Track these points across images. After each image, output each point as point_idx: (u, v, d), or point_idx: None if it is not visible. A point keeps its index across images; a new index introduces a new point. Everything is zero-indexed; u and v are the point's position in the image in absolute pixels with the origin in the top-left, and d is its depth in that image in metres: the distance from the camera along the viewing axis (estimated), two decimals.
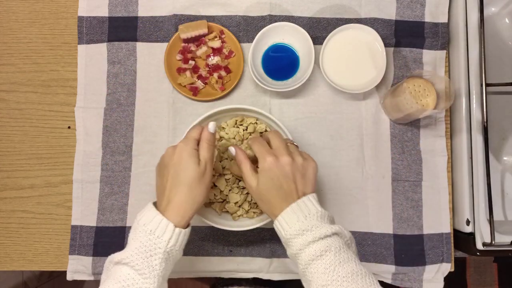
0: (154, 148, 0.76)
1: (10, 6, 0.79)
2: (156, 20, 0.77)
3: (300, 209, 0.53)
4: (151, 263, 0.50)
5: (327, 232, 0.51)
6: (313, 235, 0.51)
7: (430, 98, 0.69)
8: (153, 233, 0.51)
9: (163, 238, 0.51)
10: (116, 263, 0.51)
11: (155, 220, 0.52)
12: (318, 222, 0.52)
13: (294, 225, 0.52)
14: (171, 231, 0.52)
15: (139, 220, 0.53)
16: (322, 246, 0.50)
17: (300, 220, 0.52)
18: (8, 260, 0.77)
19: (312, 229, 0.51)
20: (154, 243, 0.51)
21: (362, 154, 0.76)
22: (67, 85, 0.78)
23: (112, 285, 0.49)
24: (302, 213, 0.53)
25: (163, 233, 0.51)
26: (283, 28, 0.74)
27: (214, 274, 0.76)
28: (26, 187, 0.77)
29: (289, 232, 0.52)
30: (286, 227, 0.53)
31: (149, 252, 0.50)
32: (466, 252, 0.73)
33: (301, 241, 0.51)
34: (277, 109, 0.77)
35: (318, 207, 0.54)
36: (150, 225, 0.52)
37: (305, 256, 0.50)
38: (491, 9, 0.81)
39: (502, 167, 0.80)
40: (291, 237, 0.52)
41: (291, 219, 0.53)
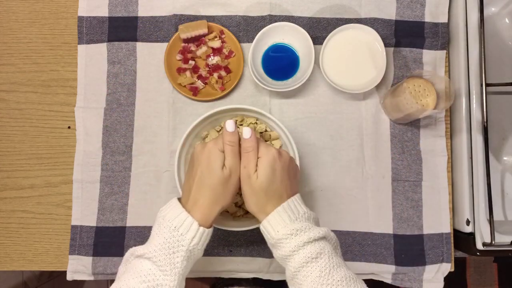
0: (154, 148, 0.76)
1: (10, 6, 0.79)
2: (156, 20, 0.77)
3: (291, 209, 0.53)
4: (173, 260, 0.50)
5: (318, 234, 0.51)
6: (308, 235, 0.50)
7: (430, 98, 0.69)
8: (177, 230, 0.51)
9: (187, 236, 0.51)
10: (137, 256, 0.51)
11: (180, 217, 0.52)
12: (308, 223, 0.52)
13: (287, 225, 0.51)
14: (195, 230, 0.51)
15: (164, 216, 0.53)
16: (316, 249, 0.49)
17: (292, 220, 0.52)
18: (8, 260, 0.77)
19: (305, 230, 0.51)
20: (178, 240, 0.50)
21: (362, 154, 0.76)
22: (67, 85, 0.78)
23: (132, 278, 0.49)
24: (293, 214, 0.52)
25: (187, 231, 0.51)
26: (283, 28, 0.74)
27: (214, 274, 0.76)
28: (26, 187, 0.77)
29: (282, 232, 0.51)
30: (278, 226, 0.52)
31: (172, 249, 0.50)
32: (466, 252, 0.73)
33: (294, 242, 0.50)
34: (277, 109, 0.77)
35: (304, 208, 0.54)
36: (175, 222, 0.51)
37: (299, 258, 0.49)
38: (491, 9, 0.81)
39: (502, 167, 0.80)
40: (283, 237, 0.51)
41: (283, 219, 0.52)
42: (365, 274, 0.75)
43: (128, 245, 0.74)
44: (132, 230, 0.75)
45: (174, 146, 0.75)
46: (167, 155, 0.76)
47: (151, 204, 0.75)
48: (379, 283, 0.76)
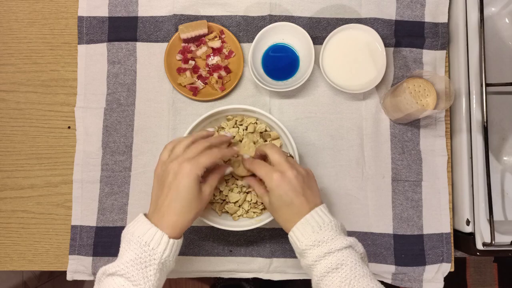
0: (154, 148, 0.76)
1: (10, 6, 0.79)
2: (156, 20, 0.77)
3: (314, 220, 0.54)
4: (146, 274, 0.50)
5: (342, 244, 0.52)
6: (329, 246, 0.51)
7: (430, 98, 0.69)
8: (148, 245, 0.51)
9: (158, 249, 0.51)
10: (109, 274, 0.51)
11: (149, 232, 0.52)
12: (333, 232, 0.53)
13: (310, 236, 0.53)
14: (166, 243, 0.52)
15: (133, 232, 0.52)
16: (338, 259, 0.51)
17: (315, 231, 0.53)
18: (8, 260, 0.77)
19: (327, 240, 0.52)
20: (149, 254, 0.51)
21: (362, 154, 0.76)
22: (67, 85, 0.78)
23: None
24: (316, 224, 0.54)
25: (158, 244, 0.51)
26: (283, 28, 0.74)
27: (214, 274, 0.75)
28: (26, 187, 0.77)
29: (305, 243, 0.53)
30: (301, 238, 0.53)
31: (144, 264, 0.50)
32: (466, 252, 0.73)
33: (316, 252, 0.51)
34: (277, 109, 0.77)
35: (330, 217, 0.55)
36: (144, 237, 0.52)
37: (321, 268, 0.51)
38: (491, 9, 0.81)
39: (502, 167, 0.80)
40: (307, 248, 0.52)
41: (306, 231, 0.53)
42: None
43: None
44: None
45: None
46: None
47: None
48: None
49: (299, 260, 0.56)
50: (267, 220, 0.66)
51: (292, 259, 0.74)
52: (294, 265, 0.74)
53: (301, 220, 0.54)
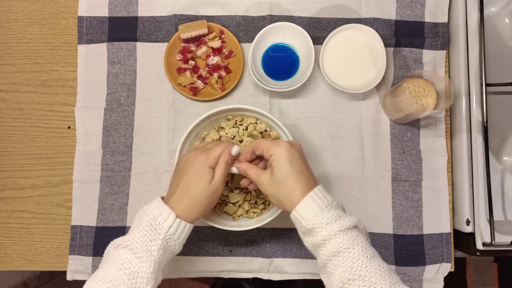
0: (154, 148, 0.76)
1: (10, 6, 0.79)
2: (156, 20, 0.77)
3: (319, 197, 0.53)
4: (149, 248, 0.51)
5: (350, 223, 0.50)
6: (339, 224, 0.50)
7: (430, 98, 0.69)
8: (155, 219, 0.52)
9: (164, 225, 0.52)
10: (116, 247, 0.52)
11: (158, 208, 0.54)
12: (339, 211, 0.52)
13: (318, 214, 0.51)
14: (172, 220, 0.53)
15: (145, 209, 0.54)
16: (349, 238, 0.49)
17: (322, 209, 0.51)
18: (8, 260, 0.77)
19: (336, 219, 0.50)
20: (155, 229, 0.52)
21: (362, 154, 0.76)
22: (67, 85, 0.78)
23: (109, 267, 0.50)
24: (322, 202, 0.52)
25: (165, 220, 0.53)
26: (283, 28, 0.74)
27: (214, 274, 0.75)
28: (26, 187, 0.77)
29: (312, 221, 0.51)
30: (308, 215, 0.51)
31: (149, 237, 0.51)
32: (466, 252, 0.73)
33: (326, 230, 0.50)
34: (277, 109, 0.77)
35: (331, 196, 0.54)
36: (153, 212, 0.53)
37: (330, 247, 0.49)
38: (491, 9, 0.81)
39: (502, 167, 0.80)
40: (315, 226, 0.50)
41: (312, 208, 0.52)
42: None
43: None
44: None
45: (174, 146, 0.75)
46: (167, 155, 0.76)
47: None
48: None
49: (302, 239, 0.54)
50: (267, 220, 0.66)
51: (292, 259, 0.74)
52: (294, 265, 0.74)
53: (305, 197, 0.52)
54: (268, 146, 0.56)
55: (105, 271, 0.50)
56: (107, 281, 0.49)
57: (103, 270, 0.50)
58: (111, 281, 0.49)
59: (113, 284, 0.49)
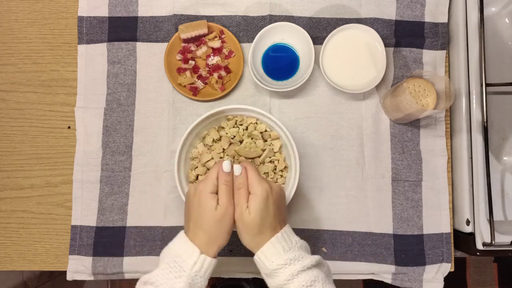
0: (154, 148, 0.76)
1: (10, 6, 0.79)
2: (156, 20, 0.77)
3: (284, 239, 0.54)
4: (174, 285, 0.51)
5: (312, 262, 0.52)
6: (301, 264, 0.52)
7: (430, 98, 0.69)
8: (180, 256, 0.53)
9: (189, 261, 0.52)
10: (144, 283, 0.53)
11: (183, 245, 0.54)
12: (301, 251, 0.54)
13: (281, 256, 0.52)
14: (197, 256, 0.53)
15: (169, 245, 0.55)
16: (310, 276, 0.51)
17: (285, 250, 0.53)
18: (8, 260, 0.77)
19: (299, 258, 0.52)
20: (180, 265, 0.52)
21: (362, 154, 0.76)
22: (67, 85, 0.78)
23: None
24: (286, 244, 0.54)
25: (190, 257, 0.53)
26: (283, 28, 0.74)
27: (214, 274, 0.75)
28: (26, 187, 0.77)
29: (276, 262, 0.52)
30: (272, 257, 0.53)
31: (174, 274, 0.51)
32: (466, 252, 0.73)
33: (289, 271, 0.51)
34: (277, 109, 0.77)
35: (296, 237, 0.56)
36: (178, 248, 0.54)
37: (294, 287, 0.51)
38: (491, 9, 0.81)
39: (502, 167, 0.80)
40: (278, 268, 0.52)
41: (277, 250, 0.53)
42: (365, 274, 0.75)
43: (128, 245, 0.74)
44: (132, 230, 0.75)
45: (174, 146, 0.75)
46: (167, 155, 0.76)
47: (151, 204, 0.75)
48: (379, 283, 0.76)
49: (266, 280, 0.55)
50: None
51: None
52: None
53: (271, 239, 0.54)
54: (252, 181, 0.56)
55: None
56: None
57: None
58: None
59: None
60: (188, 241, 0.54)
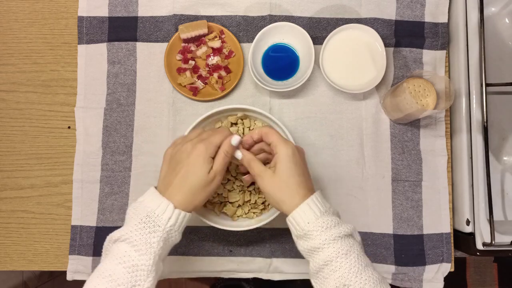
0: (154, 148, 0.76)
1: (10, 6, 0.79)
2: (156, 20, 0.77)
3: (319, 202, 0.53)
4: (149, 240, 0.50)
5: (347, 230, 0.51)
6: (338, 230, 0.50)
7: (430, 98, 0.69)
8: (154, 212, 0.52)
9: (163, 216, 0.51)
10: (114, 241, 0.52)
11: (156, 200, 0.53)
12: (336, 217, 0.52)
13: (318, 218, 0.51)
14: (171, 211, 0.52)
15: (141, 201, 0.54)
16: (346, 245, 0.50)
17: (322, 213, 0.52)
18: (8, 260, 0.77)
19: (335, 224, 0.51)
20: (154, 220, 0.51)
21: (362, 154, 0.76)
22: (67, 85, 0.78)
23: (109, 262, 0.50)
24: (322, 207, 0.53)
25: (164, 212, 0.52)
26: (283, 28, 0.74)
27: (214, 274, 0.75)
28: (26, 187, 0.77)
29: (312, 224, 0.51)
30: (308, 218, 0.51)
31: (148, 229, 0.51)
32: (466, 252, 0.73)
33: (325, 235, 0.50)
34: (277, 109, 0.77)
35: (328, 203, 0.55)
36: (151, 204, 0.52)
37: (328, 252, 0.49)
38: (491, 9, 0.81)
39: (502, 167, 0.80)
40: (314, 229, 0.50)
41: (313, 212, 0.52)
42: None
43: None
44: None
45: None
46: None
47: None
48: None
49: (297, 243, 0.54)
50: (267, 220, 0.65)
51: (292, 259, 0.74)
52: (294, 265, 0.74)
53: (306, 200, 0.52)
54: (276, 141, 0.56)
55: (105, 266, 0.50)
56: (106, 275, 0.49)
57: (103, 265, 0.50)
58: (111, 276, 0.48)
59: (113, 278, 0.48)
60: (161, 197, 0.53)
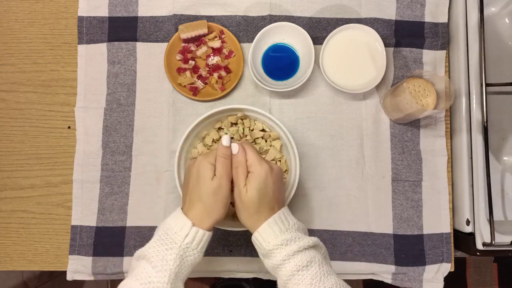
0: (154, 148, 0.76)
1: (10, 6, 0.79)
2: (156, 20, 0.77)
3: (281, 220, 0.54)
4: (165, 257, 0.51)
5: (309, 243, 0.52)
6: (297, 245, 0.52)
7: (430, 98, 0.69)
8: (172, 229, 0.53)
9: (180, 233, 0.52)
10: (137, 258, 0.53)
11: (177, 218, 0.54)
12: (298, 233, 0.54)
13: (278, 236, 0.53)
14: (189, 228, 0.53)
15: (165, 220, 0.55)
16: (307, 257, 0.51)
17: (282, 231, 0.53)
18: (8, 260, 0.77)
19: (295, 239, 0.52)
20: (171, 237, 0.52)
21: (362, 154, 0.76)
22: (67, 85, 0.78)
23: (129, 279, 0.51)
24: (283, 225, 0.54)
25: (181, 229, 0.53)
26: (283, 28, 0.74)
27: (214, 274, 0.75)
28: (26, 187, 0.77)
29: (272, 243, 0.52)
30: (269, 238, 0.53)
31: (165, 246, 0.51)
32: (466, 252, 0.73)
33: (285, 251, 0.51)
34: (277, 109, 0.77)
35: (294, 219, 0.56)
36: (171, 221, 0.54)
37: (290, 267, 0.51)
38: (491, 9, 0.81)
39: (502, 167, 0.80)
40: (274, 248, 0.52)
41: (274, 230, 0.53)
42: (365, 274, 0.75)
43: (128, 245, 0.74)
44: (132, 230, 0.75)
45: (174, 146, 0.75)
46: (167, 155, 0.76)
47: (151, 204, 0.75)
48: (379, 283, 0.76)
49: (263, 261, 0.55)
50: None
51: None
52: None
53: (268, 219, 0.54)
54: (252, 160, 0.56)
55: (125, 282, 0.51)
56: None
57: (125, 282, 0.51)
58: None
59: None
60: (181, 214, 0.54)
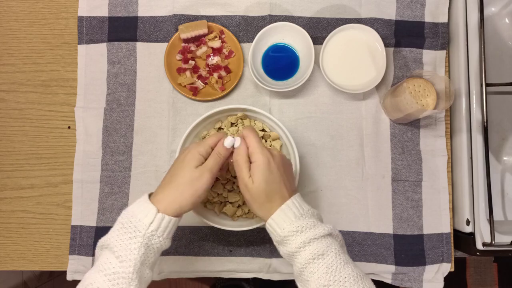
0: (154, 148, 0.76)
1: (10, 6, 0.79)
2: (156, 20, 0.77)
3: (295, 206, 0.53)
4: (128, 246, 0.48)
5: (324, 231, 0.51)
6: (313, 232, 0.50)
7: (430, 98, 0.69)
8: (136, 216, 0.50)
9: (144, 221, 0.49)
10: (100, 247, 0.51)
11: (140, 204, 0.51)
12: (313, 219, 0.52)
13: (292, 223, 0.51)
14: (153, 215, 0.50)
15: (128, 208, 0.52)
16: (323, 245, 0.50)
17: (297, 218, 0.52)
18: (8, 260, 0.77)
19: (310, 227, 0.51)
20: (135, 225, 0.49)
21: (362, 154, 0.76)
22: (67, 85, 0.78)
23: (93, 270, 0.49)
24: (297, 211, 0.53)
25: (145, 216, 0.50)
26: (283, 28, 0.74)
27: (214, 274, 0.75)
28: (26, 187, 0.77)
29: (287, 229, 0.51)
30: (283, 224, 0.52)
31: (128, 235, 0.49)
32: (466, 252, 0.73)
33: (300, 238, 0.50)
34: (277, 109, 0.77)
35: (307, 205, 0.54)
36: (135, 209, 0.51)
37: (305, 255, 0.50)
38: (491, 9, 0.81)
39: (502, 167, 0.80)
40: (289, 235, 0.51)
41: (288, 217, 0.52)
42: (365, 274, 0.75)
43: None
44: None
45: (174, 146, 0.75)
46: (167, 155, 0.76)
47: None
48: (379, 283, 0.76)
49: (278, 248, 0.54)
50: None
51: None
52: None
53: (281, 206, 0.52)
54: (253, 148, 0.55)
55: (88, 274, 0.49)
56: (88, 285, 0.47)
57: (88, 274, 0.49)
58: (92, 285, 0.47)
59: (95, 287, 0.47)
60: (147, 200, 0.51)
